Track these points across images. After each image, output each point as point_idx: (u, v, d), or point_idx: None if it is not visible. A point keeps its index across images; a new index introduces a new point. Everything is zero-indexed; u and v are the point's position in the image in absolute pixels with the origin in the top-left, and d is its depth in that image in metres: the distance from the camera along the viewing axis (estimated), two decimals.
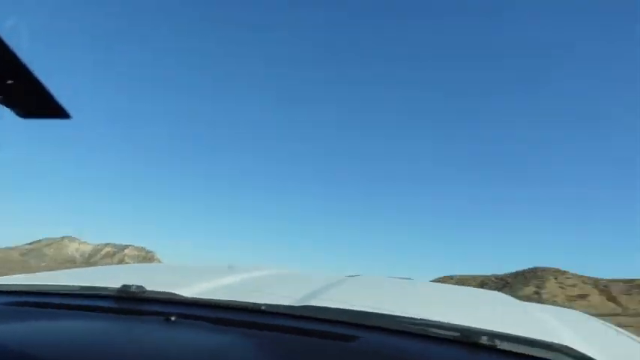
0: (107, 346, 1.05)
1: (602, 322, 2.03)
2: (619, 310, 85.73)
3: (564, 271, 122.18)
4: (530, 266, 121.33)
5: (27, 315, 1.34)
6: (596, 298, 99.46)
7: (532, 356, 1.12)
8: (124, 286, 1.48)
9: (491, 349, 1.15)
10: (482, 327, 1.28)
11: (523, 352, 1.15)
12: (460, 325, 1.29)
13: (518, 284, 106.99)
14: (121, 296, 1.48)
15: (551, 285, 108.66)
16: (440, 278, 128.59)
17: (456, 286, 2.94)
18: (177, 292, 1.58)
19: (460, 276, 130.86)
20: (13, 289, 1.67)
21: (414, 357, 1.12)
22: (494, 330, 1.25)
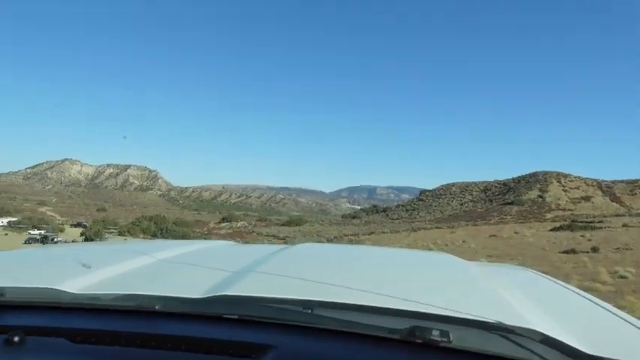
0: None
1: (557, 281, 1.76)
2: (623, 210, 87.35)
3: (567, 174, 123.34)
4: (532, 171, 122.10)
5: None
6: (599, 199, 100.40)
7: (491, 354, 0.92)
8: None
9: (445, 349, 0.93)
10: (427, 311, 1.03)
11: (480, 347, 0.94)
12: (405, 311, 1.03)
13: (522, 189, 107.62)
14: None
15: (554, 188, 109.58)
16: (443, 186, 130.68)
17: (400, 252, 2.33)
18: (48, 286, 1.21)
19: (462, 183, 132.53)
20: None
21: None
22: (445, 314, 1.01)
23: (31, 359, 0.93)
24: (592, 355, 0.89)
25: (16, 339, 0.94)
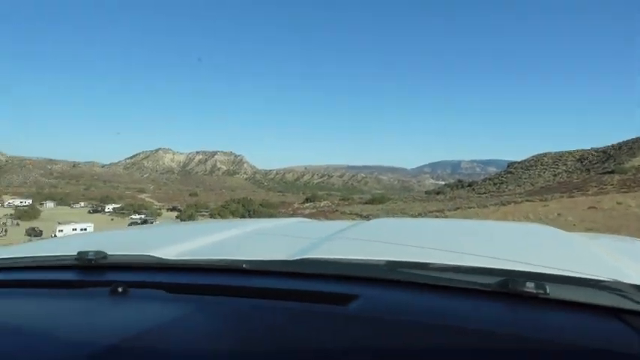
0: (56, 329, 0.86)
1: None
2: None
3: None
4: (636, 136, 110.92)
5: None
6: None
7: (594, 304, 0.85)
8: (81, 253, 1.27)
9: (540, 299, 0.88)
10: (520, 269, 0.99)
11: (581, 299, 0.86)
12: (495, 269, 1.00)
13: (624, 156, 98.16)
14: (77, 265, 1.28)
15: None
16: (534, 157, 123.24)
17: (489, 222, 2.41)
18: (145, 253, 1.33)
19: (556, 153, 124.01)
20: None
21: (435, 317, 0.85)
22: (542, 272, 0.97)
23: (134, 307, 0.98)
24: None
25: (119, 289, 1.02)
